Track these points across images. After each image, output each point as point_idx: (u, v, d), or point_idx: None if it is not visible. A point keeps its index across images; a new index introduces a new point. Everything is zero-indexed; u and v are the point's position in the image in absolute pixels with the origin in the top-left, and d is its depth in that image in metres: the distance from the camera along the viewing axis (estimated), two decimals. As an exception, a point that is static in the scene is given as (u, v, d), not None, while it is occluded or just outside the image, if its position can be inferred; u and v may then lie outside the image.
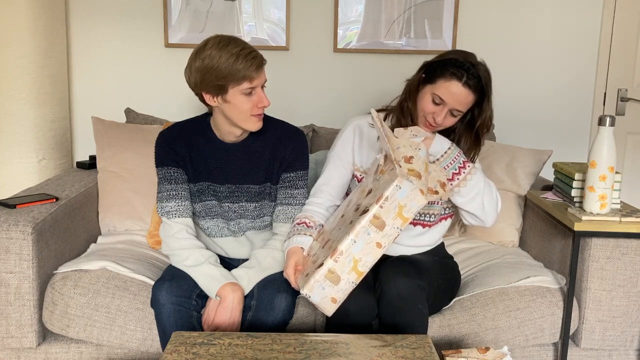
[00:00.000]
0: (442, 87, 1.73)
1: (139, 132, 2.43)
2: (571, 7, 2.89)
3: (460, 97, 1.73)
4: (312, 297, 1.56)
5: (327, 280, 1.54)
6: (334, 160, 1.93)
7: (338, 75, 2.90)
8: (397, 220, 1.53)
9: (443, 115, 1.75)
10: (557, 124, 2.99)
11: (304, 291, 1.56)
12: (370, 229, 1.53)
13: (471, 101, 1.75)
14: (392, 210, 1.52)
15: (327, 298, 1.56)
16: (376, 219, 1.52)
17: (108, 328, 1.83)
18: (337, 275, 1.54)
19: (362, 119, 1.94)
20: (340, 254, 1.53)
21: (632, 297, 1.94)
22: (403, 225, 1.54)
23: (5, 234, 1.81)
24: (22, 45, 2.50)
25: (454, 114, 1.76)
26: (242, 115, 1.74)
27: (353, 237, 1.53)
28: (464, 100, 1.74)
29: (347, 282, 1.56)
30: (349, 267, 1.55)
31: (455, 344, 1.84)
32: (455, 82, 1.72)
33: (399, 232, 1.55)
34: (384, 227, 1.53)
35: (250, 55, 1.69)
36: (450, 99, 1.73)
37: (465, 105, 1.75)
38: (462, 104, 1.74)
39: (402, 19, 2.84)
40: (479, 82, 1.72)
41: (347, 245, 1.53)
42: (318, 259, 1.60)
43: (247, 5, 2.82)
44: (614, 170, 1.84)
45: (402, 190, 1.51)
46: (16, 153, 2.57)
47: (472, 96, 1.74)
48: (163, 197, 1.84)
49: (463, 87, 1.72)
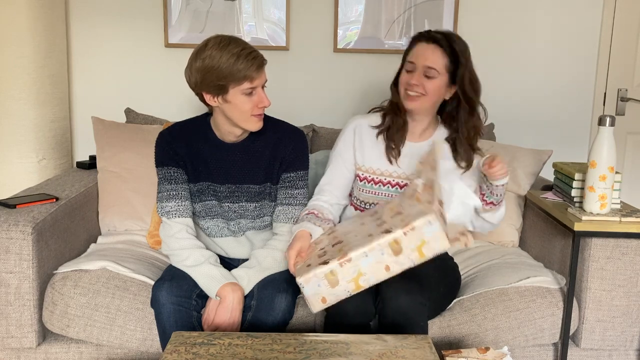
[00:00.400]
0: (410, 54, 1.81)
1: (139, 132, 2.43)
2: (571, 7, 2.89)
3: (427, 53, 1.76)
4: (305, 288, 1.55)
5: (325, 279, 1.54)
6: (336, 159, 1.94)
7: (338, 75, 2.90)
8: (414, 254, 1.51)
9: (416, 77, 1.77)
10: (557, 124, 2.99)
11: (300, 280, 1.55)
12: (385, 250, 1.51)
13: (440, 56, 1.76)
14: (414, 241, 1.50)
15: (319, 296, 1.56)
16: (396, 243, 1.50)
17: (108, 328, 1.83)
18: (337, 279, 1.53)
19: (363, 119, 1.95)
20: (349, 260, 1.52)
21: (632, 297, 1.93)
22: (418, 261, 1.52)
23: (5, 234, 1.80)
24: (22, 45, 2.50)
25: (427, 75, 1.77)
26: (243, 116, 1.74)
27: (367, 250, 1.51)
28: (431, 55, 1.76)
29: (343, 289, 1.55)
30: (351, 277, 1.53)
31: (455, 344, 1.84)
32: (420, 43, 1.79)
33: (411, 264, 1.52)
34: (399, 253, 1.51)
35: (251, 56, 1.68)
36: (418, 59, 1.77)
37: (434, 61, 1.76)
38: (429, 58, 1.76)
39: (402, 19, 2.84)
40: (443, 37, 1.76)
41: (357, 256, 1.52)
42: (325, 254, 1.59)
43: (247, 5, 2.82)
44: (614, 170, 1.84)
45: (431, 227, 1.48)
46: (16, 153, 2.57)
47: (441, 50, 1.76)
48: (163, 197, 1.84)
49: (427, 43, 1.77)
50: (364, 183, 1.92)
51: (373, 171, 1.91)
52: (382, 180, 1.91)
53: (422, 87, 1.78)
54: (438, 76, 1.77)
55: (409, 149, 1.91)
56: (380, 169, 1.91)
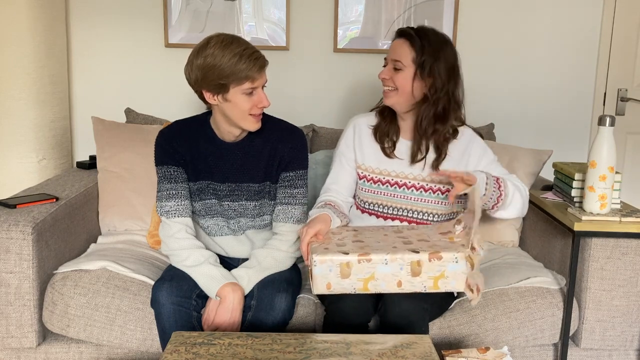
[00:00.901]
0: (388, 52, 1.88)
1: (139, 132, 2.43)
2: (571, 7, 2.89)
3: (396, 47, 1.83)
4: (317, 267, 1.55)
5: (339, 268, 1.55)
6: (339, 158, 1.97)
7: (338, 75, 2.90)
8: (429, 282, 1.55)
9: (385, 71, 1.84)
10: (557, 124, 2.99)
11: (316, 258, 1.55)
12: (405, 267, 1.54)
13: (408, 49, 1.80)
14: (434, 271, 1.54)
15: (326, 280, 1.56)
16: (418, 265, 1.54)
17: (108, 328, 1.83)
18: (350, 272, 1.55)
19: (362, 118, 1.98)
20: (368, 260, 1.54)
21: (632, 297, 1.93)
22: (429, 290, 1.56)
23: (5, 234, 1.80)
24: (22, 45, 2.50)
25: (396, 67, 1.82)
26: (241, 115, 1.74)
27: (388, 258, 1.54)
28: (398, 49, 1.82)
29: (350, 285, 1.56)
30: (363, 276, 1.55)
31: (455, 344, 1.84)
32: (395, 39, 1.85)
33: (422, 290, 1.56)
34: (416, 275, 1.55)
35: (253, 56, 1.69)
36: (389, 53, 1.85)
37: (400, 54, 1.81)
38: (396, 52, 1.82)
39: (402, 19, 2.84)
40: (415, 31, 1.81)
41: (378, 260, 1.54)
42: (344, 246, 1.61)
43: (247, 5, 2.82)
44: (614, 170, 1.83)
45: (456, 265, 1.54)
46: (16, 153, 2.57)
47: (406, 43, 1.81)
48: (162, 197, 1.84)
49: (398, 38, 1.84)
50: (363, 182, 1.93)
51: (372, 170, 1.92)
52: (381, 179, 1.91)
53: (391, 80, 1.83)
54: (405, 68, 1.80)
55: (403, 146, 1.92)
56: (379, 167, 1.92)
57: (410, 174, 1.89)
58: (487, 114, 2.89)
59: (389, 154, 1.90)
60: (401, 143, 1.92)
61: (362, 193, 1.94)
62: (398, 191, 1.90)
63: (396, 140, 1.92)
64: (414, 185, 1.89)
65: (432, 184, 1.88)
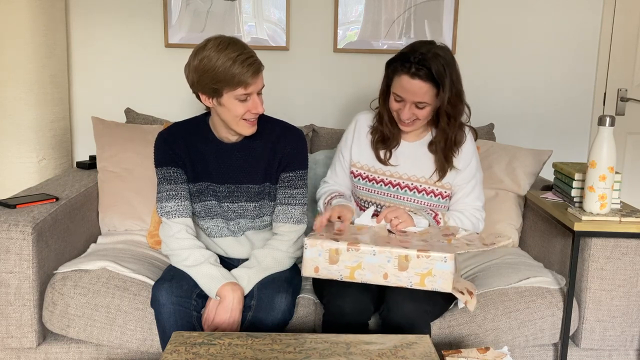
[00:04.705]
0: (396, 84, 1.78)
1: (139, 132, 2.43)
2: (571, 8, 2.89)
3: (414, 89, 1.74)
4: (308, 250, 1.62)
5: (327, 253, 1.60)
6: (338, 154, 2.02)
7: (338, 75, 2.90)
8: (415, 278, 1.58)
9: (407, 110, 1.78)
10: (557, 124, 2.99)
11: (307, 241, 1.62)
12: (393, 260, 1.58)
13: (428, 90, 1.75)
14: (422, 267, 1.57)
15: (314, 263, 1.62)
16: (405, 259, 1.57)
17: (108, 328, 1.83)
18: (338, 259, 1.60)
19: (365, 115, 2.00)
20: (357, 249, 1.59)
21: (632, 297, 1.94)
22: (415, 286, 1.59)
23: (5, 234, 1.81)
24: (22, 45, 2.50)
25: (418, 106, 1.78)
26: (234, 119, 1.74)
27: (376, 250, 1.58)
28: (418, 91, 1.74)
29: (337, 271, 1.61)
30: (350, 264, 1.59)
31: (455, 344, 1.84)
32: (405, 76, 1.74)
33: (407, 285, 1.59)
34: (403, 270, 1.58)
35: (247, 62, 1.67)
36: (405, 93, 1.76)
37: (423, 96, 1.75)
38: (417, 94, 1.75)
39: (402, 19, 2.84)
40: (430, 72, 1.72)
41: (366, 250, 1.59)
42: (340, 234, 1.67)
43: (247, 5, 2.82)
44: (613, 170, 1.84)
45: (443, 265, 1.56)
46: (16, 153, 2.57)
47: (427, 85, 1.74)
48: (162, 197, 1.84)
49: (413, 79, 1.73)
50: (358, 180, 1.94)
51: (368, 168, 1.93)
52: (375, 177, 1.92)
53: (414, 115, 1.80)
54: (429, 105, 1.79)
55: (405, 148, 1.92)
56: (374, 166, 1.92)
57: (404, 175, 1.90)
58: (487, 114, 2.89)
59: (385, 161, 1.91)
60: (403, 146, 1.92)
61: (359, 191, 1.95)
62: (392, 190, 1.91)
63: (396, 147, 1.92)
64: (407, 185, 1.90)
65: (425, 185, 1.89)
